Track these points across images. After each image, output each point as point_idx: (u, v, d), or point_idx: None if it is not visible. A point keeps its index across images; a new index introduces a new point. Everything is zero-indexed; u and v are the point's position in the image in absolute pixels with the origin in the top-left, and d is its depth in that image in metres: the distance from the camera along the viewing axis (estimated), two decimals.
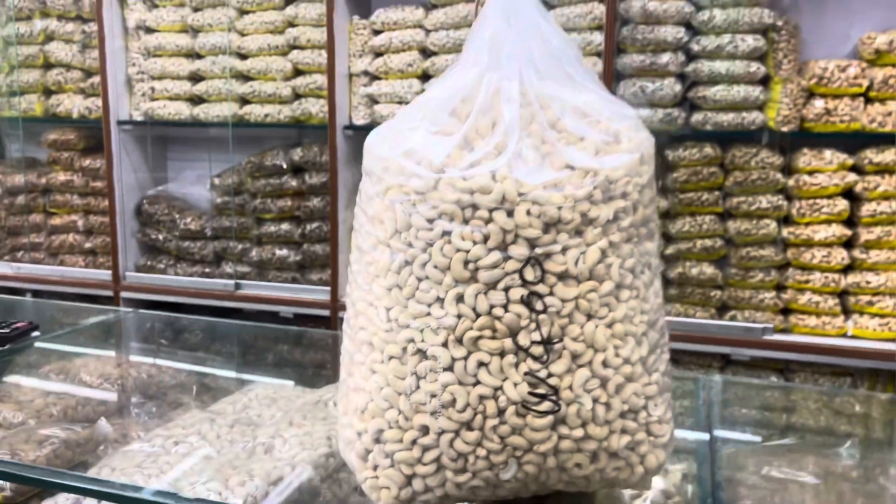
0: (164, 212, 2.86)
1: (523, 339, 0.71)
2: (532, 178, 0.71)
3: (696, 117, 2.13)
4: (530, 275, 0.71)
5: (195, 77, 2.71)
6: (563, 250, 0.72)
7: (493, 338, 0.71)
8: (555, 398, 0.72)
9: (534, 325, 0.71)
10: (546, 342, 0.71)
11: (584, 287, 0.72)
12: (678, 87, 2.13)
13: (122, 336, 1.67)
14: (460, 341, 0.71)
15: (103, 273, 2.87)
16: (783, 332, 2.15)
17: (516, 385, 0.71)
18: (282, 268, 2.66)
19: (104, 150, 2.80)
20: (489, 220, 0.70)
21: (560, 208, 0.71)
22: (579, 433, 0.74)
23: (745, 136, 2.15)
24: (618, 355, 0.74)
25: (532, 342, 0.71)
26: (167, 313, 1.96)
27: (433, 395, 0.72)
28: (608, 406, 0.74)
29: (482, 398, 0.72)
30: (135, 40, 2.79)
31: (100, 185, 2.90)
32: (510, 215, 0.70)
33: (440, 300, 0.72)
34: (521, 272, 0.71)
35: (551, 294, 0.71)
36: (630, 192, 0.76)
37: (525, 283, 0.71)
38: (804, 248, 2.12)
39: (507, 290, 0.71)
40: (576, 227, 0.72)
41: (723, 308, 2.21)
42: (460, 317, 0.71)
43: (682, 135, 2.17)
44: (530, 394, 0.71)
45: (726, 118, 2.10)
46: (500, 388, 0.71)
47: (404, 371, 0.73)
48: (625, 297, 0.75)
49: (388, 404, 0.74)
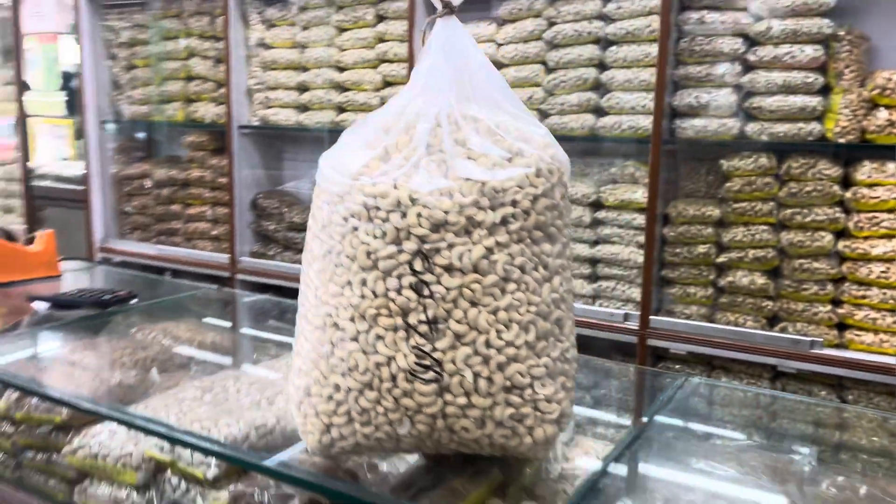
0: (274, 206, 3.18)
1: (412, 319, 0.85)
2: (425, 187, 0.85)
3: (752, 127, 2.11)
4: (418, 266, 0.84)
5: (301, 88, 3.00)
6: (449, 247, 0.84)
7: (389, 316, 0.85)
8: (438, 369, 0.85)
9: (421, 308, 0.85)
10: (431, 322, 0.85)
11: (467, 278, 0.85)
12: (734, 97, 2.12)
13: (205, 308, 1.94)
14: (363, 317, 0.86)
15: (223, 257, 3.24)
16: (837, 346, 2.09)
17: (406, 356, 0.85)
18: None
19: (227, 151, 3.17)
20: (386, 220, 0.85)
21: (447, 212, 0.84)
22: (462, 401, 0.86)
23: (801, 147, 2.10)
24: (500, 338, 0.86)
25: (419, 321, 0.85)
26: (246, 292, 2.23)
27: (342, 360, 0.88)
28: (490, 380, 0.86)
29: (378, 365, 0.86)
30: (255, 56, 3.13)
31: (224, 181, 3.29)
32: (403, 217, 0.84)
33: (350, 283, 0.87)
34: (410, 263, 0.84)
35: (438, 283, 0.84)
36: (520, 201, 0.87)
37: (414, 272, 0.84)
38: (861, 263, 2.04)
39: (399, 277, 0.85)
40: (462, 227, 0.85)
41: (774, 319, 2.17)
42: (363, 297, 0.86)
43: (737, 145, 2.16)
44: (416, 364, 0.85)
45: (783, 129, 2.07)
46: (393, 358, 0.85)
47: (324, 339, 0.89)
48: (511, 289, 0.87)
49: (313, 366, 0.90)
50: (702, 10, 2.14)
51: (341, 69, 2.86)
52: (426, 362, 0.85)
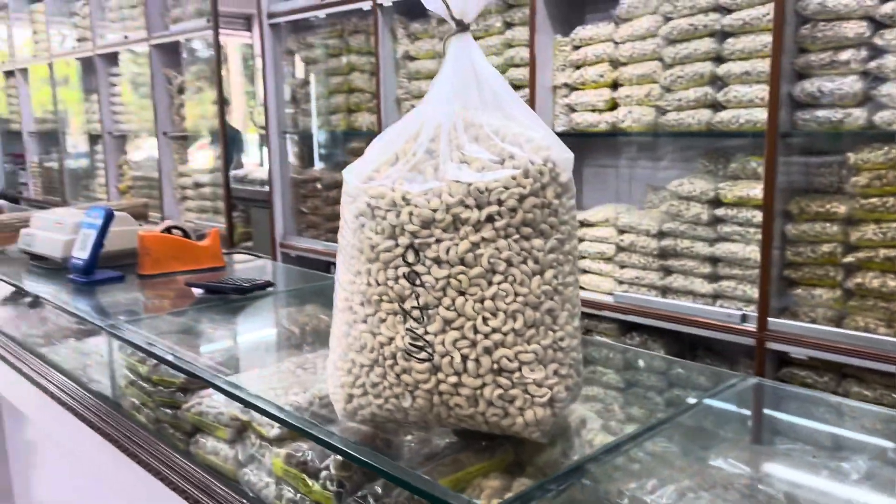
0: None
1: (407, 305, 0.95)
2: (417, 188, 0.94)
3: (882, 116, 1.92)
4: (410, 258, 0.94)
5: None
6: (437, 241, 0.93)
7: (389, 302, 0.96)
8: (429, 350, 0.94)
9: (414, 295, 0.94)
10: (422, 308, 0.94)
11: (454, 270, 0.93)
12: (860, 85, 1.94)
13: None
14: (370, 302, 0.98)
15: None
16: None
17: (403, 337, 0.95)
18: None
19: None
20: (384, 218, 0.96)
21: (435, 210, 0.93)
22: (454, 380, 0.94)
23: None
24: (486, 324, 0.93)
25: (412, 307, 0.94)
26: None
27: (356, 339, 1.00)
28: (478, 362, 0.94)
29: (382, 344, 0.97)
30: (402, 67, 3.35)
31: None
32: (398, 215, 0.95)
33: (359, 272, 0.99)
34: (404, 256, 0.94)
35: (428, 273, 0.94)
36: (506, 200, 0.94)
37: (407, 263, 0.94)
38: None
39: (396, 268, 0.95)
40: (449, 224, 0.93)
41: None
42: (369, 285, 0.97)
43: (865, 136, 1.97)
44: (411, 344, 0.95)
45: None
46: (393, 339, 0.96)
47: (343, 320, 1.02)
48: (497, 280, 0.94)
49: (337, 343, 1.03)
50: None
51: None
52: (419, 343, 0.95)
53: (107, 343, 1.69)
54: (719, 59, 2.24)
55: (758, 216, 2.17)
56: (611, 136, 2.57)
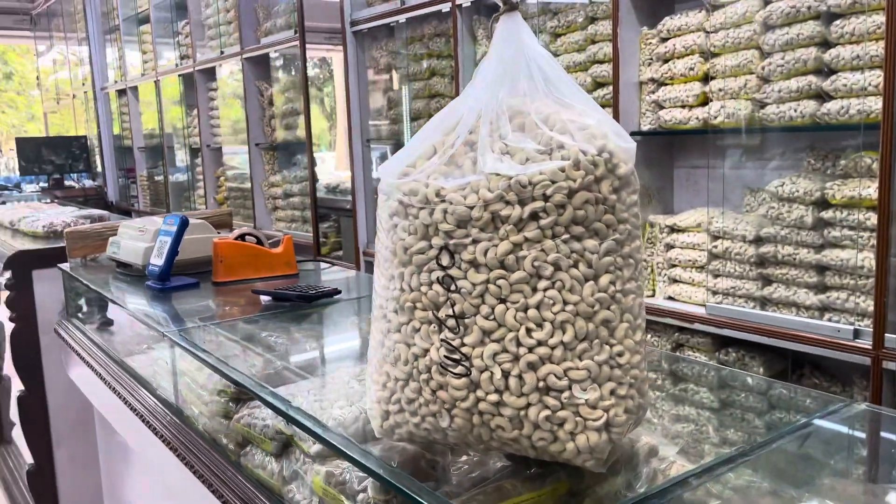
0: None
1: (441, 313, 0.85)
2: (451, 183, 0.85)
3: None
4: (445, 260, 0.85)
5: None
6: (474, 242, 0.84)
7: (423, 309, 0.87)
8: (466, 364, 0.85)
9: (449, 302, 0.85)
10: (458, 317, 0.85)
11: (493, 274, 0.83)
12: None
13: None
14: (403, 309, 0.89)
15: None
16: None
17: (438, 349, 0.86)
18: None
19: None
20: (417, 217, 0.87)
21: (471, 208, 0.83)
22: (494, 398, 0.84)
23: None
24: (531, 336, 0.83)
25: (447, 315, 0.85)
26: None
27: (391, 350, 0.91)
28: (521, 379, 0.83)
29: (416, 356, 0.88)
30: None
31: None
32: (431, 213, 0.85)
33: (393, 277, 0.90)
34: (437, 258, 0.85)
35: (464, 278, 0.84)
36: (552, 195, 0.83)
37: (441, 267, 0.85)
38: None
39: (430, 272, 0.86)
40: (487, 223, 0.83)
41: None
42: (402, 290, 0.89)
43: None
44: (446, 357, 0.85)
45: None
46: (427, 351, 0.87)
47: (378, 329, 0.94)
48: (542, 286, 0.83)
49: (373, 354, 0.95)
50: None
51: None
52: (455, 356, 0.85)
53: (169, 350, 1.69)
54: (826, 44, 2.02)
55: (872, 218, 1.93)
56: (702, 133, 2.38)
